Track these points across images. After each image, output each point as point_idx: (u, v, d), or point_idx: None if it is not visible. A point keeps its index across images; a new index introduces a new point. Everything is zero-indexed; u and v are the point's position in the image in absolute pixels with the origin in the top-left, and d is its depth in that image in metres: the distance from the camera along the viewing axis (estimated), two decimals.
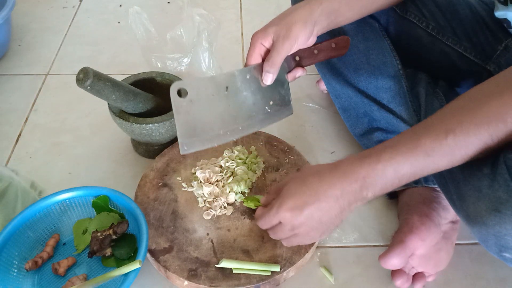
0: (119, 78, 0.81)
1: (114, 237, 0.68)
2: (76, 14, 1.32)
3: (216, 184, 0.77)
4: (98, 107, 0.97)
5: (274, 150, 0.85)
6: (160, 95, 0.86)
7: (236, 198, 0.76)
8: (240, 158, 0.81)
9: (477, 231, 0.54)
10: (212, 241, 0.71)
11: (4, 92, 1.05)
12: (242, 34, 1.25)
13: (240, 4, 1.37)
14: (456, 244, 0.73)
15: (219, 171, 0.79)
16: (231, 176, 0.78)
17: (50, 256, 0.70)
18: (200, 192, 0.77)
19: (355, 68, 0.79)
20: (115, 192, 0.73)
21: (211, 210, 0.75)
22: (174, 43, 0.96)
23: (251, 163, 0.81)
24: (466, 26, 0.79)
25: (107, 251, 0.69)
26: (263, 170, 0.82)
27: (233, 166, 0.80)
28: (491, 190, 0.51)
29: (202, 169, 0.79)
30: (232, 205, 0.76)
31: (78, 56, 1.17)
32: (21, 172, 0.82)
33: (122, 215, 0.74)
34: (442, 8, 0.81)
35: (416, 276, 0.70)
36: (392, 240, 0.70)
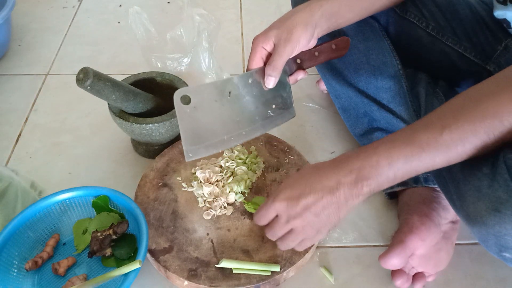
0: (119, 78, 0.81)
1: (114, 237, 0.68)
2: (76, 14, 1.32)
3: (216, 184, 0.77)
4: (98, 107, 0.97)
5: (274, 150, 0.85)
6: (160, 95, 0.86)
7: (236, 198, 0.76)
8: (240, 158, 0.81)
9: (477, 231, 0.54)
10: (212, 241, 0.71)
11: (4, 92, 1.05)
12: (242, 34, 1.25)
13: (240, 4, 1.37)
14: (456, 244, 0.73)
15: (219, 171, 0.79)
16: (231, 176, 0.78)
17: (50, 256, 0.70)
18: (200, 192, 0.77)
19: (355, 68, 0.79)
20: (115, 192, 0.73)
21: (211, 210, 0.75)
22: (174, 43, 0.96)
23: (251, 163, 0.81)
24: (466, 26, 0.79)
25: (107, 251, 0.69)
26: (263, 170, 0.82)
27: (233, 166, 0.80)
28: (491, 190, 0.51)
29: (202, 169, 0.79)
30: (232, 205, 0.76)
31: (78, 56, 1.17)
32: (21, 172, 0.82)
33: (122, 215, 0.74)
34: (442, 8, 0.81)
35: (416, 276, 0.70)
36: (392, 240, 0.70)
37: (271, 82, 0.66)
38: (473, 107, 0.50)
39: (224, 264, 0.66)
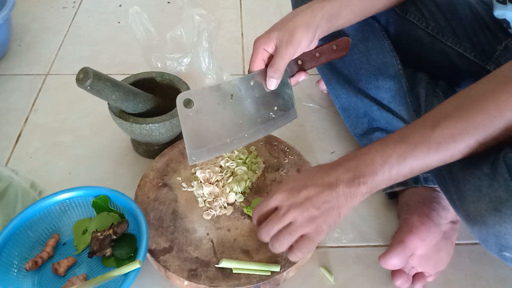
0: (119, 78, 0.81)
1: (114, 237, 0.68)
2: (76, 14, 1.32)
3: (216, 184, 0.77)
4: (98, 107, 0.97)
5: (274, 150, 0.85)
6: (160, 95, 0.86)
7: (236, 198, 0.76)
8: (240, 158, 0.81)
9: (477, 231, 0.54)
10: (212, 241, 0.71)
11: (4, 92, 1.05)
12: (242, 34, 1.25)
13: (240, 4, 1.37)
14: (456, 244, 0.73)
15: (219, 171, 0.79)
16: (231, 176, 0.78)
17: (50, 256, 0.70)
18: (200, 192, 0.77)
19: (355, 68, 0.79)
20: (115, 192, 0.73)
21: (211, 210, 0.75)
22: (174, 43, 0.96)
23: (251, 163, 0.81)
24: (466, 26, 0.79)
25: (107, 251, 0.69)
26: (263, 170, 0.82)
27: (233, 166, 0.80)
28: (491, 189, 0.51)
29: (202, 169, 0.79)
30: (232, 205, 0.76)
31: (78, 56, 1.17)
32: (21, 172, 0.82)
33: (122, 215, 0.74)
34: (442, 8, 0.81)
35: (416, 276, 0.70)
36: (392, 240, 0.70)
37: (273, 84, 0.66)
38: (464, 105, 0.51)
39: (224, 264, 0.66)
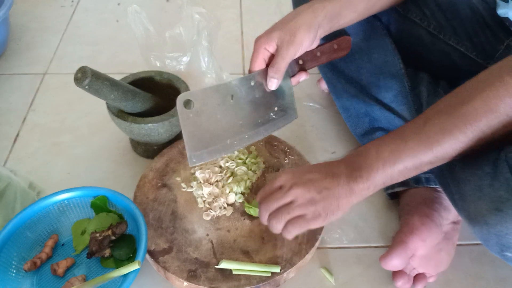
0: (118, 77, 0.81)
1: (113, 237, 0.68)
2: (74, 13, 1.31)
3: (216, 185, 0.77)
4: (97, 107, 0.97)
5: (274, 150, 0.85)
6: (159, 94, 0.86)
7: (236, 199, 0.76)
8: (240, 158, 0.81)
9: (478, 231, 0.54)
10: (211, 241, 0.71)
11: (2, 92, 1.05)
12: (242, 33, 1.24)
13: (240, 3, 1.36)
14: (457, 244, 0.73)
15: (219, 171, 0.79)
16: (231, 177, 0.78)
17: (49, 256, 0.70)
18: (200, 193, 0.76)
19: (356, 67, 0.79)
20: (114, 192, 0.72)
21: (210, 210, 0.75)
22: (173, 42, 0.95)
23: (251, 163, 0.81)
24: (467, 26, 0.79)
25: (106, 252, 0.69)
26: (263, 170, 0.81)
27: (233, 166, 0.79)
28: (492, 189, 0.51)
29: (201, 169, 0.79)
30: (232, 205, 0.76)
31: (76, 56, 1.16)
32: (19, 172, 0.82)
33: (121, 216, 0.73)
34: (443, 7, 0.80)
35: (417, 277, 0.70)
36: (393, 241, 0.70)
37: (273, 84, 0.65)
38: (454, 101, 0.53)
39: (224, 265, 0.66)
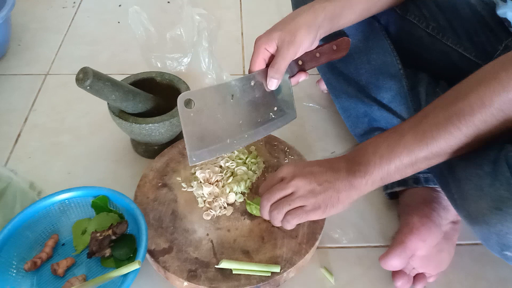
0: (119, 78, 0.81)
1: (113, 237, 0.68)
2: (75, 13, 1.32)
3: (216, 184, 0.77)
4: (97, 107, 0.97)
5: (274, 150, 0.85)
6: (159, 95, 0.86)
7: (236, 199, 0.76)
8: (240, 158, 0.81)
9: (478, 230, 0.54)
10: (212, 241, 0.71)
11: (3, 92, 1.05)
12: (242, 34, 1.24)
13: (240, 3, 1.36)
14: (457, 244, 0.73)
15: (219, 171, 0.79)
16: (231, 176, 0.78)
17: (49, 256, 0.70)
18: (200, 192, 0.76)
19: (355, 68, 0.79)
20: (115, 192, 0.73)
21: (211, 210, 0.75)
22: (174, 43, 0.95)
23: (251, 163, 0.81)
24: (466, 26, 0.79)
25: (106, 252, 0.69)
26: (263, 170, 0.82)
27: (233, 166, 0.79)
28: (492, 188, 0.51)
29: (202, 169, 0.79)
30: (232, 205, 0.76)
31: (77, 56, 1.16)
32: (20, 172, 0.82)
33: (121, 216, 0.73)
34: (442, 8, 0.80)
35: (417, 277, 0.70)
36: (393, 240, 0.70)
37: (273, 84, 0.65)
38: (450, 97, 0.53)
39: (224, 264, 0.66)
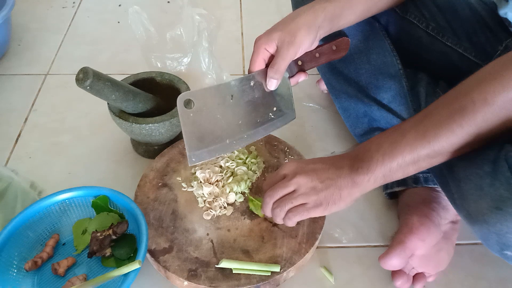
0: (119, 78, 0.81)
1: (113, 237, 0.68)
2: (75, 13, 1.32)
3: (216, 184, 0.77)
4: (97, 107, 0.97)
5: (274, 150, 0.85)
6: (159, 95, 0.86)
7: (236, 198, 0.76)
8: (240, 158, 0.81)
9: (478, 230, 0.54)
10: (212, 241, 0.71)
11: (4, 92, 1.05)
12: (242, 34, 1.24)
13: (240, 4, 1.37)
14: (457, 244, 0.73)
15: (219, 171, 0.79)
16: (231, 176, 0.78)
17: (49, 256, 0.70)
18: (200, 192, 0.76)
19: (355, 68, 0.79)
20: (115, 192, 0.73)
21: (211, 210, 0.75)
22: (174, 43, 0.96)
23: (251, 163, 0.81)
24: (466, 26, 0.79)
25: (107, 251, 0.69)
26: (263, 170, 0.82)
27: (233, 166, 0.79)
28: (492, 188, 0.51)
29: (202, 169, 0.79)
30: (232, 205, 0.76)
31: (77, 56, 1.16)
32: (20, 172, 0.82)
33: (122, 215, 0.74)
34: (442, 8, 0.81)
35: (416, 277, 0.70)
36: (392, 240, 0.70)
37: (273, 85, 0.66)
38: (452, 95, 0.53)
39: (224, 264, 0.66)
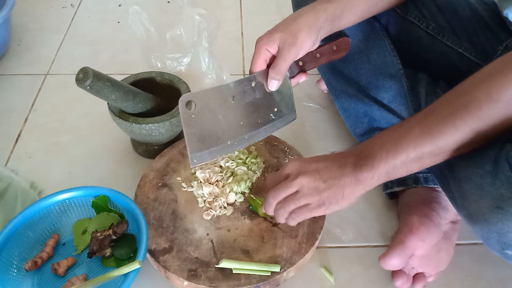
0: (119, 78, 0.81)
1: (113, 237, 0.68)
2: (75, 13, 1.32)
3: (216, 184, 0.77)
4: (97, 107, 0.97)
5: (274, 150, 0.85)
6: (159, 95, 0.86)
7: (236, 198, 0.76)
8: (240, 158, 0.81)
9: (479, 229, 0.54)
10: (212, 241, 0.71)
11: (4, 92, 1.05)
12: (242, 34, 1.24)
13: (240, 4, 1.37)
14: (457, 244, 0.73)
15: (219, 171, 0.79)
16: (231, 176, 0.78)
17: (49, 256, 0.70)
18: (200, 192, 0.76)
19: (355, 68, 0.79)
20: (115, 192, 0.73)
21: (211, 210, 0.75)
22: (174, 43, 0.96)
23: (251, 163, 0.81)
24: (466, 26, 0.79)
25: (107, 251, 0.69)
26: (263, 170, 0.82)
27: (233, 166, 0.79)
28: (493, 187, 0.51)
29: (202, 169, 0.79)
30: (232, 205, 0.76)
31: (77, 56, 1.16)
32: (20, 172, 0.82)
33: (122, 215, 0.74)
34: (442, 8, 0.81)
35: (416, 277, 0.70)
36: (392, 240, 0.70)
37: (274, 85, 0.66)
38: (457, 92, 0.53)
39: (224, 264, 0.66)
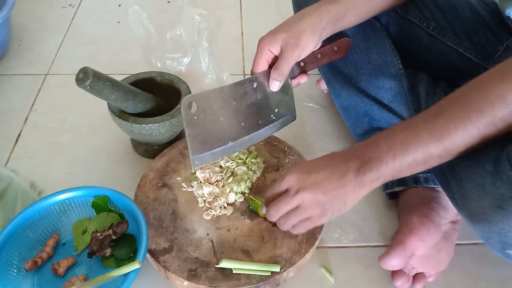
0: (119, 78, 0.81)
1: (113, 237, 0.68)
2: (75, 13, 1.32)
3: (216, 184, 0.77)
4: (97, 107, 0.97)
5: (274, 150, 0.85)
6: (159, 95, 0.86)
7: (236, 198, 0.76)
8: (240, 158, 0.81)
9: (480, 229, 0.54)
10: (212, 241, 0.71)
11: (4, 92, 1.05)
12: (242, 34, 1.24)
13: (240, 4, 1.37)
14: (457, 244, 0.73)
15: (219, 171, 0.79)
16: (231, 176, 0.78)
17: (49, 256, 0.70)
18: (200, 192, 0.76)
19: (355, 68, 0.79)
20: (115, 192, 0.73)
21: (211, 210, 0.75)
22: (174, 43, 0.96)
23: (251, 163, 0.81)
24: (466, 26, 0.79)
25: (107, 251, 0.69)
26: (263, 170, 0.82)
27: (233, 166, 0.79)
28: (494, 187, 0.51)
29: (202, 169, 0.79)
30: (232, 205, 0.76)
31: (77, 56, 1.16)
32: (20, 172, 0.82)
33: (122, 215, 0.74)
34: (442, 8, 0.81)
35: (416, 277, 0.70)
36: (392, 240, 0.70)
37: (275, 86, 0.66)
38: (468, 93, 0.52)
39: (224, 264, 0.66)
